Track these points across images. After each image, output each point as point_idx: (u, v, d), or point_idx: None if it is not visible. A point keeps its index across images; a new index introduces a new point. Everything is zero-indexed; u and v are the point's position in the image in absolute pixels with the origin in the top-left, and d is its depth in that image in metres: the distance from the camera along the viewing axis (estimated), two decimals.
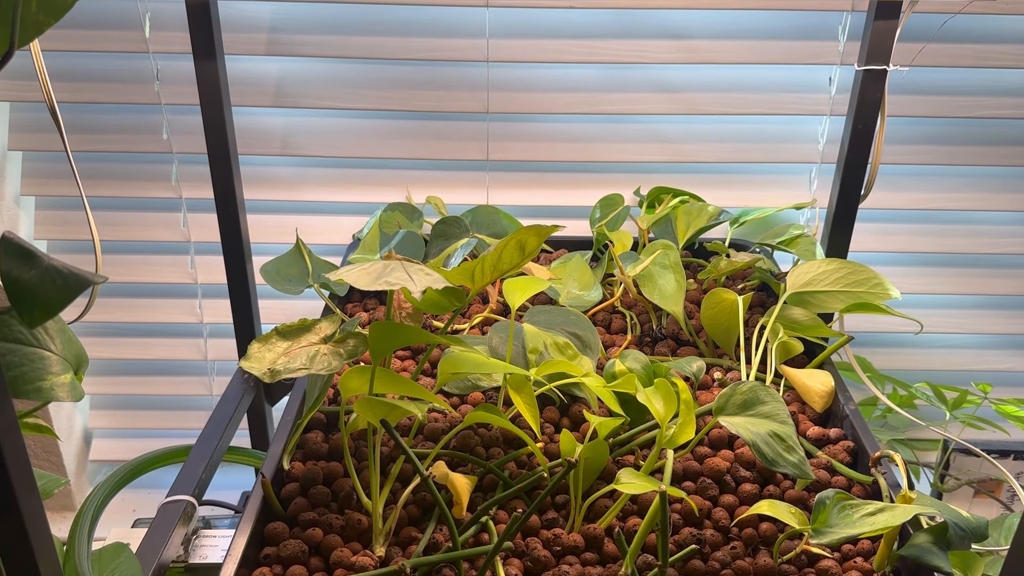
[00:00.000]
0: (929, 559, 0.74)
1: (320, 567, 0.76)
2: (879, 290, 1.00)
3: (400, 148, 1.29)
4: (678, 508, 0.82)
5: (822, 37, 1.22)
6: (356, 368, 0.75)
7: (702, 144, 1.29)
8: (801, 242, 1.13)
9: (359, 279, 0.75)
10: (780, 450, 0.79)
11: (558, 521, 0.80)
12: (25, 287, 0.58)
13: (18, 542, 0.63)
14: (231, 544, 0.75)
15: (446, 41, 1.22)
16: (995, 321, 1.38)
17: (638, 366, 0.92)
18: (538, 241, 0.78)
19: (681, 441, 0.79)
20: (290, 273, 1.14)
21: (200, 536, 1.00)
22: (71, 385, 0.68)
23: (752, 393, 0.83)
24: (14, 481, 0.62)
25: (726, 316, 1.02)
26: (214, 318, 1.38)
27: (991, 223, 1.34)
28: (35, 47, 0.85)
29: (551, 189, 1.32)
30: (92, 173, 1.29)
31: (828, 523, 0.74)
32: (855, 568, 0.77)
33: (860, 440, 0.89)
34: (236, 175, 1.13)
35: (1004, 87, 1.25)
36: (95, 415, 1.48)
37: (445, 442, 0.85)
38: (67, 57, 1.22)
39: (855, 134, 1.06)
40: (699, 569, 0.76)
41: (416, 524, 0.81)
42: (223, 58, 1.07)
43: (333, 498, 0.83)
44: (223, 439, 1.05)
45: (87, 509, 0.88)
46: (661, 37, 1.22)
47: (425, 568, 0.74)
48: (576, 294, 1.11)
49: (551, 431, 0.91)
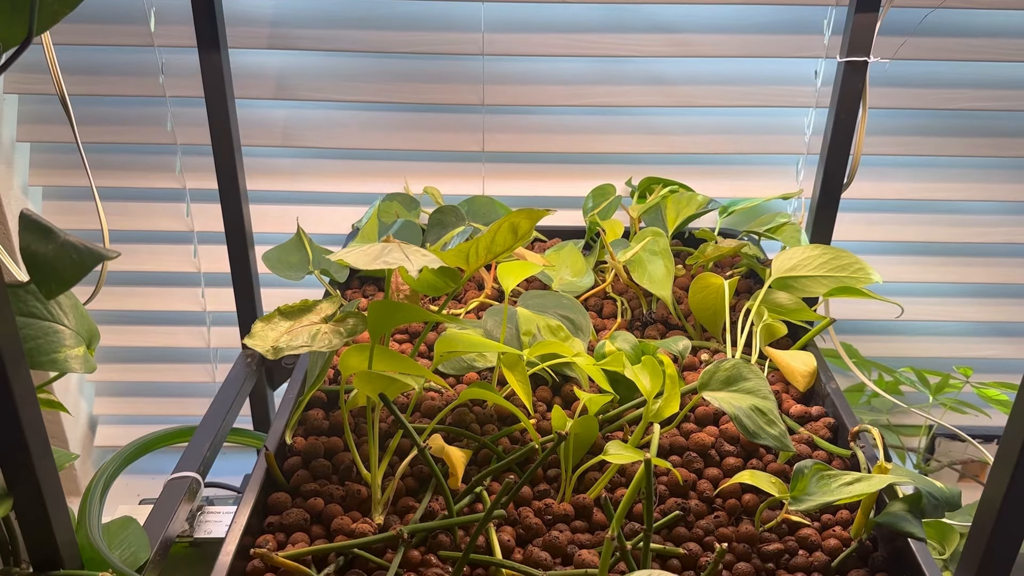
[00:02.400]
0: (903, 526, 0.77)
1: (321, 534, 0.79)
2: (861, 274, 1.03)
3: (398, 140, 1.33)
4: (664, 480, 0.85)
5: (807, 31, 1.25)
6: (355, 346, 0.79)
7: (692, 136, 1.33)
8: (786, 229, 1.16)
9: (359, 259, 0.78)
10: (761, 423, 0.82)
11: (549, 492, 0.84)
12: (43, 260, 0.61)
13: (34, 504, 0.67)
14: (236, 512, 0.79)
15: (443, 35, 1.26)
16: (977, 309, 1.42)
17: (627, 346, 0.95)
18: (530, 224, 0.81)
19: (667, 414, 0.83)
20: (291, 260, 1.17)
21: (205, 512, 1.04)
22: (84, 358, 0.72)
23: (735, 370, 0.86)
24: (31, 445, 0.65)
25: (713, 300, 1.06)
26: (216, 306, 1.41)
27: (973, 212, 1.37)
28: (46, 39, 0.89)
29: (545, 180, 1.36)
30: (98, 164, 1.32)
31: (807, 491, 0.78)
32: (834, 536, 0.81)
33: (840, 417, 0.93)
34: (239, 165, 1.17)
35: (985, 80, 1.28)
36: (100, 402, 1.51)
37: (441, 417, 0.88)
38: (74, 51, 1.26)
39: (838, 124, 1.09)
40: (684, 536, 0.79)
41: (413, 495, 0.84)
42: (227, 51, 1.11)
43: (334, 471, 0.86)
44: (227, 419, 1.08)
45: (96, 482, 0.91)
46: (652, 31, 1.26)
47: (422, 534, 0.77)
48: (569, 280, 1.14)
49: (543, 409, 0.95)
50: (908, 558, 0.76)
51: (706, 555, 0.78)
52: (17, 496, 0.66)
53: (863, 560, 0.79)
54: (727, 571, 0.77)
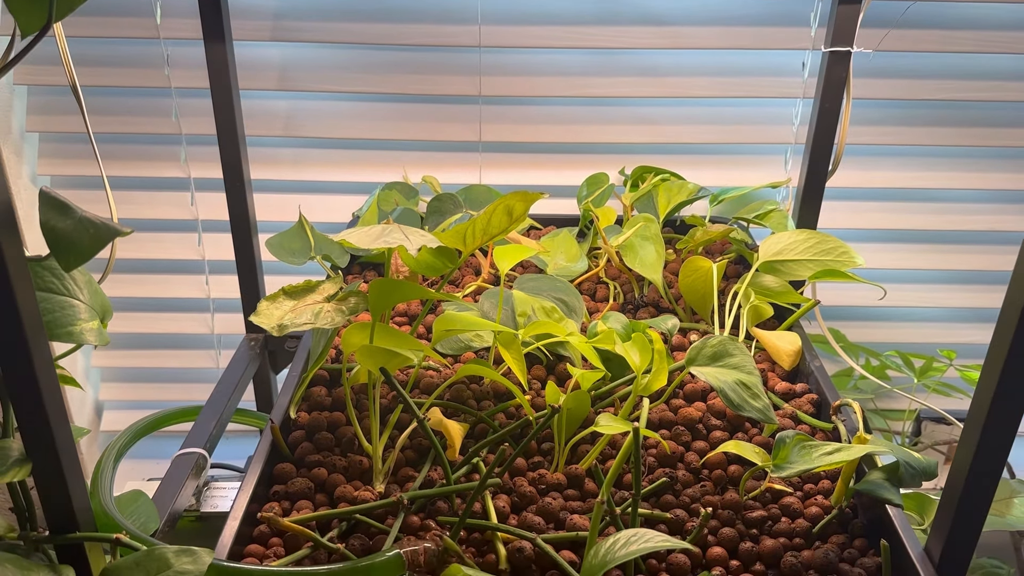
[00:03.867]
0: (882, 493, 0.81)
1: (325, 502, 0.83)
2: (845, 258, 1.07)
3: (397, 130, 1.36)
4: (654, 453, 0.89)
5: (795, 24, 1.29)
6: (357, 324, 0.82)
7: (683, 126, 1.36)
8: (774, 216, 1.20)
9: (361, 239, 0.82)
10: (746, 396, 0.86)
11: (543, 464, 0.87)
12: (62, 234, 0.65)
13: (52, 468, 0.70)
14: (242, 481, 0.82)
15: (441, 28, 1.29)
16: (961, 295, 1.46)
17: (619, 326, 0.99)
18: (524, 206, 0.84)
19: (655, 388, 0.86)
20: (294, 247, 1.20)
21: (211, 487, 1.07)
22: (98, 331, 0.75)
23: (721, 346, 0.90)
24: (49, 413, 0.69)
25: (702, 283, 1.09)
26: (220, 293, 1.45)
27: (956, 200, 1.41)
28: (59, 30, 0.92)
29: (540, 169, 1.39)
30: (104, 154, 1.34)
31: (788, 459, 0.81)
32: (815, 505, 0.84)
33: (824, 393, 0.96)
34: (244, 155, 1.20)
35: (968, 71, 1.32)
36: (106, 387, 1.54)
37: (439, 392, 0.92)
38: (82, 43, 1.29)
39: (822, 113, 1.13)
40: (671, 503, 0.83)
41: (413, 466, 0.88)
42: (231, 43, 1.14)
43: (336, 443, 0.89)
44: (232, 398, 1.12)
45: (108, 454, 0.95)
46: (643, 24, 1.29)
47: (421, 501, 0.81)
48: (563, 265, 1.18)
49: (538, 387, 0.98)
50: (887, 524, 0.80)
51: (692, 520, 0.81)
52: (36, 461, 0.70)
53: (843, 527, 0.83)
54: (712, 536, 0.80)
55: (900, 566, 0.76)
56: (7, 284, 0.60)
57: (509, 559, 0.75)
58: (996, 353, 0.67)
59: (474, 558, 0.76)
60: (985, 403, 0.69)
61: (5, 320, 0.61)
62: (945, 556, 0.74)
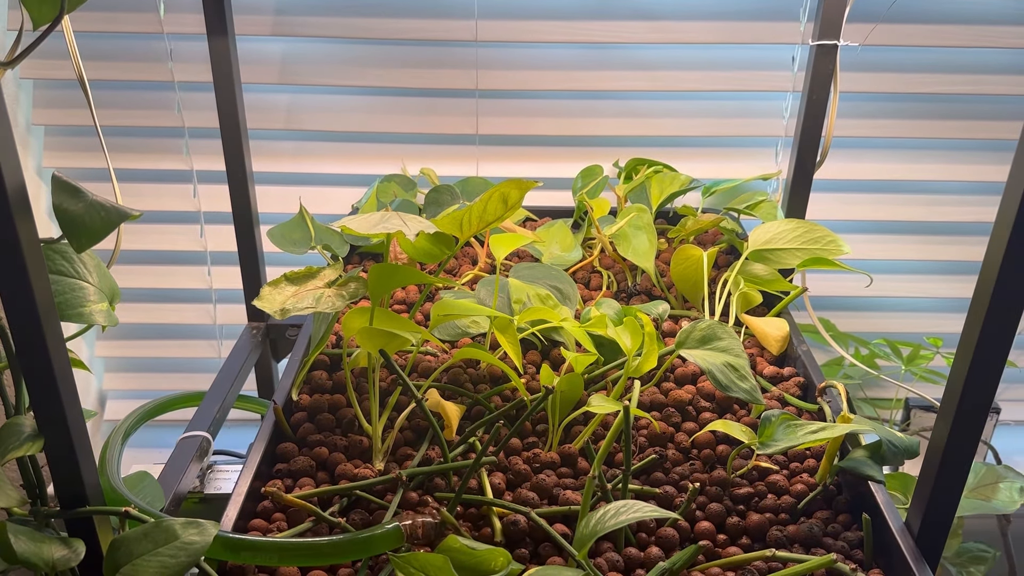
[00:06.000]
0: (865, 470, 0.84)
1: (326, 480, 0.86)
2: (832, 247, 1.10)
3: (396, 123, 1.39)
4: (644, 433, 0.92)
5: (785, 19, 1.32)
6: (357, 309, 0.85)
7: (675, 119, 1.39)
8: (764, 207, 1.23)
9: (361, 225, 0.84)
10: (733, 378, 0.89)
11: (537, 444, 0.90)
12: (74, 216, 0.67)
13: (64, 444, 0.72)
14: (246, 459, 0.85)
15: (438, 23, 1.32)
16: (949, 285, 1.48)
17: (611, 312, 1.02)
18: (520, 194, 0.87)
19: (646, 369, 0.89)
20: (295, 237, 1.23)
21: (214, 470, 1.10)
22: (107, 312, 0.78)
23: (710, 330, 0.93)
24: (61, 390, 0.71)
25: (693, 271, 1.12)
26: (222, 284, 1.47)
27: (942, 192, 1.44)
28: (66, 24, 0.94)
29: (536, 161, 1.42)
30: (109, 146, 1.36)
31: (773, 437, 0.84)
32: (801, 482, 0.87)
33: (810, 376, 0.99)
34: (246, 147, 1.23)
35: (954, 65, 1.35)
36: (109, 377, 1.57)
37: (437, 375, 0.95)
38: (87, 37, 1.32)
39: (810, 105, 1.16)
40: (661, 480, 0.86)
41: (411, 446, 0.90)
42: (234, 37, 1.16)
43: (337, 424, 0.92)
44: (235, 384, 1.14)
45: (116, 434, 0.97)
46: (637, 19, 1.32)
47: (419, 478, 0.83)
48: (558, 254, 1.20)
49: (533, 371, 1.01)
50: (869, 500, 0.83)
51: (681, 496, 0.84)
52: (48, 436, 0.72)
53: (827, 503, 0.86)
54: (700, 511, 0.83)
55: (881, 540, 0.79)
56: (22, 267, 0.62)
57: (504, 532, 0.78)
58: (969, 332, 0.70)
59: (470, 532, 0.79)
60: (959, 381, 0.72)
61: (20, 301, 0.63)
62: (923, 529, 0.77)
